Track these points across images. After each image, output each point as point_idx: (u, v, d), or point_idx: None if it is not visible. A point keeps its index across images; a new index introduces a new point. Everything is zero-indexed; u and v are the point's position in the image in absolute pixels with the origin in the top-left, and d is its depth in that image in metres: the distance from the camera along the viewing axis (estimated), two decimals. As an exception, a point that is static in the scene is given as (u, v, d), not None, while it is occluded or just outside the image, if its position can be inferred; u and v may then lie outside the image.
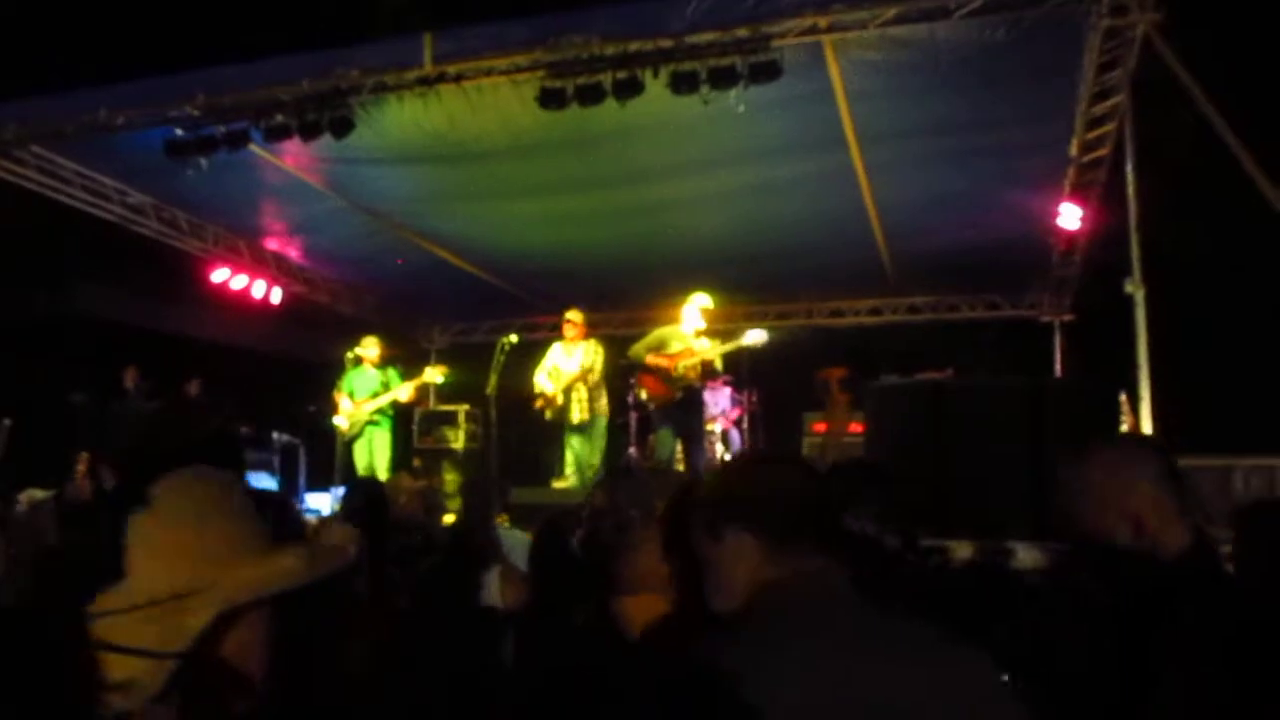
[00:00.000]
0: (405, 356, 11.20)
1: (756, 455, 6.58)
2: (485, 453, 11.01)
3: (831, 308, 13.32)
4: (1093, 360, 11.51)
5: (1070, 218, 9.12)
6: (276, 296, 12.00)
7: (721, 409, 11.32)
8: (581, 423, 9.31)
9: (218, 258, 11.16)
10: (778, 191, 9.27)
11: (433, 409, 12.52)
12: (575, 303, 10.09)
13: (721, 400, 11.32)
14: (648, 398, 8.95)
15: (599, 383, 9.40)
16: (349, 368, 9.95)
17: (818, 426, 11.05)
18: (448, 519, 7.20)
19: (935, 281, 12.28)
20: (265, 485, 10.11)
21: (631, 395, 10.19)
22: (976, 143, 8.15)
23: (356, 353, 9.94)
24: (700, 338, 8.81)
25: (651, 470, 8.20)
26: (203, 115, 7.82)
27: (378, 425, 9.79)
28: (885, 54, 6.78)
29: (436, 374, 10.04)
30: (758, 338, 8.96)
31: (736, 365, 10.18)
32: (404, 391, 9.80)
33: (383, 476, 8.95)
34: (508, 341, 9.48)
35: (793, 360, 10.26)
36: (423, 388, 10.23)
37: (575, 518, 2.59)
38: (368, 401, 9.73)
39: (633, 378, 9.50)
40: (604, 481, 2.97)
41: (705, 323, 8.86)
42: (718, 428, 11.20)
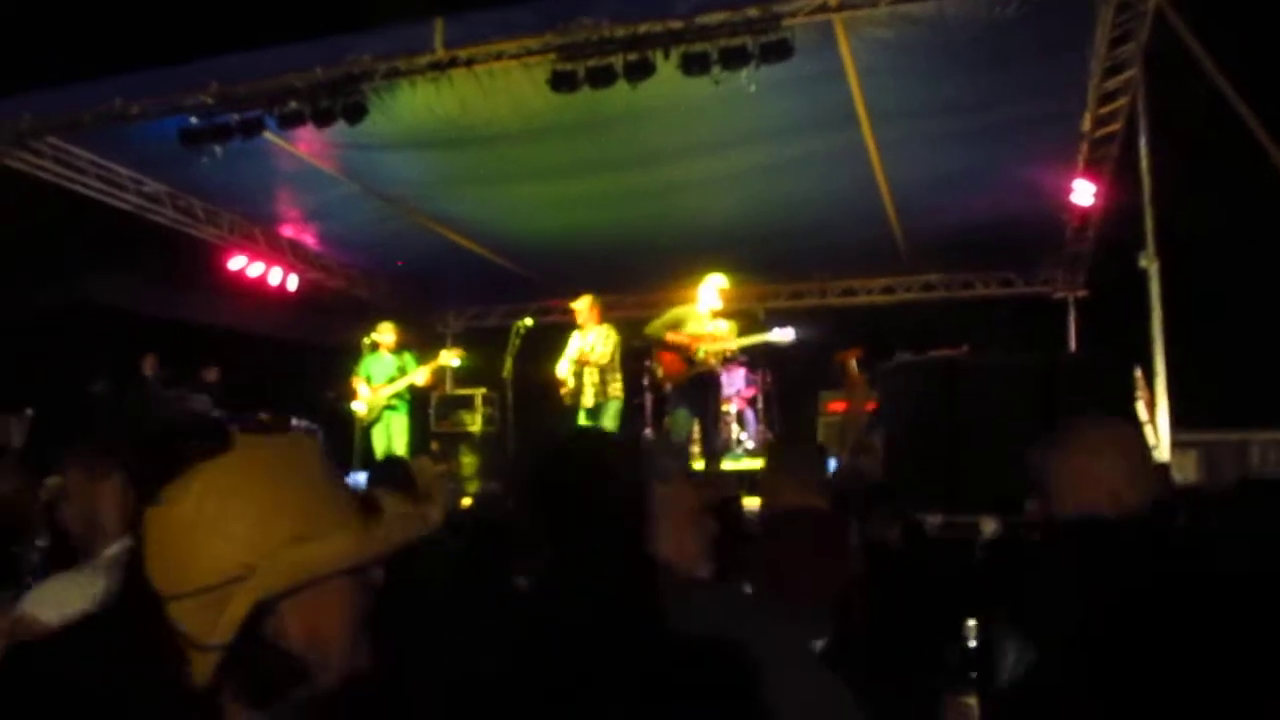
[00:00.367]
0: (421, 341, 11.25)
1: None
2: (502, 436, 11.07)
3: (844, 286, 13.30)
4: (1107, 336, 11.51)
5: (1083, 193, 9.10)
6: (293, 283, 12.07)
7: (736, 389, 11.35)
8: (594, 406, 9.33)
9: (234, 245, 11.23)
10: (789, 171, 9.27)
11: (449, 393, 12.58)
12: (587, 285, 10.08)
13: (736, 380, 11.35)
14: (664, 375, 8.95)
15: (611, 366, 9.39)
16: (366, 353, 9.99)
17: (833, 406, 11.07)
18: (465, 501, 7.26)
19: (948, 259, 12.26)
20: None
21: (646, 376, 10.20)
22: (988, 119, 8.12)
23: (373, 338, 9.99)
24: (716, 318, 8.82)
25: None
26: (217, 104, 7.86)
27: (395, 410, 9.84)
28: (896, 31, 6.78)
29: (452, 358, 10.08)
30: (785, 335, 8.97)
31: (750, 346, 10.21)
32: (420, 376, 9.85)
33: (401, 461, 9.00)
34: (522, 325, 9.52)
35: (807, 340, 10.28)
36: (439, 371, 10.27)
37: None
38: (385, 386, 9.78)
39: (649, 358, 9.51)
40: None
41: (722, 303, 8.87)
42: (733, 408, 11.23)
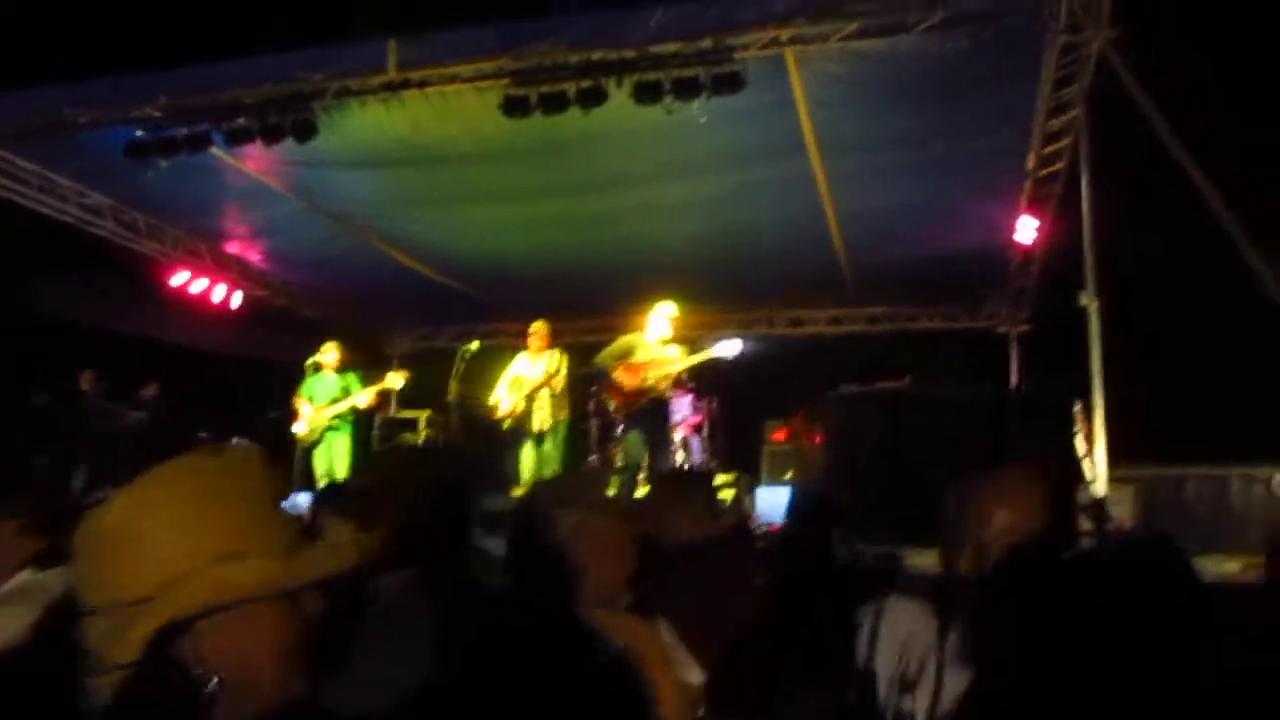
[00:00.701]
0: (366, 361, 11.15)
1: None
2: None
3: (792, 316, 13.37)
4: (1048, 370, 11.66)
5: (1027, 230, 9.24)
6: (237, 300, 11.91)
7: (683, 415, 11.34)
8: (542, 430, 9.29)
9: (177, 260, 11.06)
10: (739, 200, 9.34)
11: (393, 415, 12.47)
12: (536, 309, 10.08)
13: (683, 407, 11.35)
14: (615, 407, 8.97)
15: (562, 391, 9.38)
16: (309, 373, 9.88)
17: (777, 435, 11.13)
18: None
19: (895, 292, 12.38)
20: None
21: (593, 403, 10.18)
22: (935, 154, 8.24)
23: (316, 359, 9.87)
24: (665, 345, 8.84)
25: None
26: (164, 117, 7.76)
27: (337, 431, 9.73)
28: (847, 66, 6.87)
29: (398, 379, 10.00)
30: (731, 349, 8.96)
31: (698, 371, 10.23)
32: (364, 397, 9.75)
33: (342, 482, 8.90)
34: (469, 350, 9.47)
35: (752, 367, 10.30)
36: (383, 393, 10.18)
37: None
38: (328, 407, 9.67)
39: (595, 386, 9.51)
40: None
41: (671, 332, 8.88)
42: (678, 435, 11.22)
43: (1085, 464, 7.72)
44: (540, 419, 9.27)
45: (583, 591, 2.29)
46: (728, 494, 10.63)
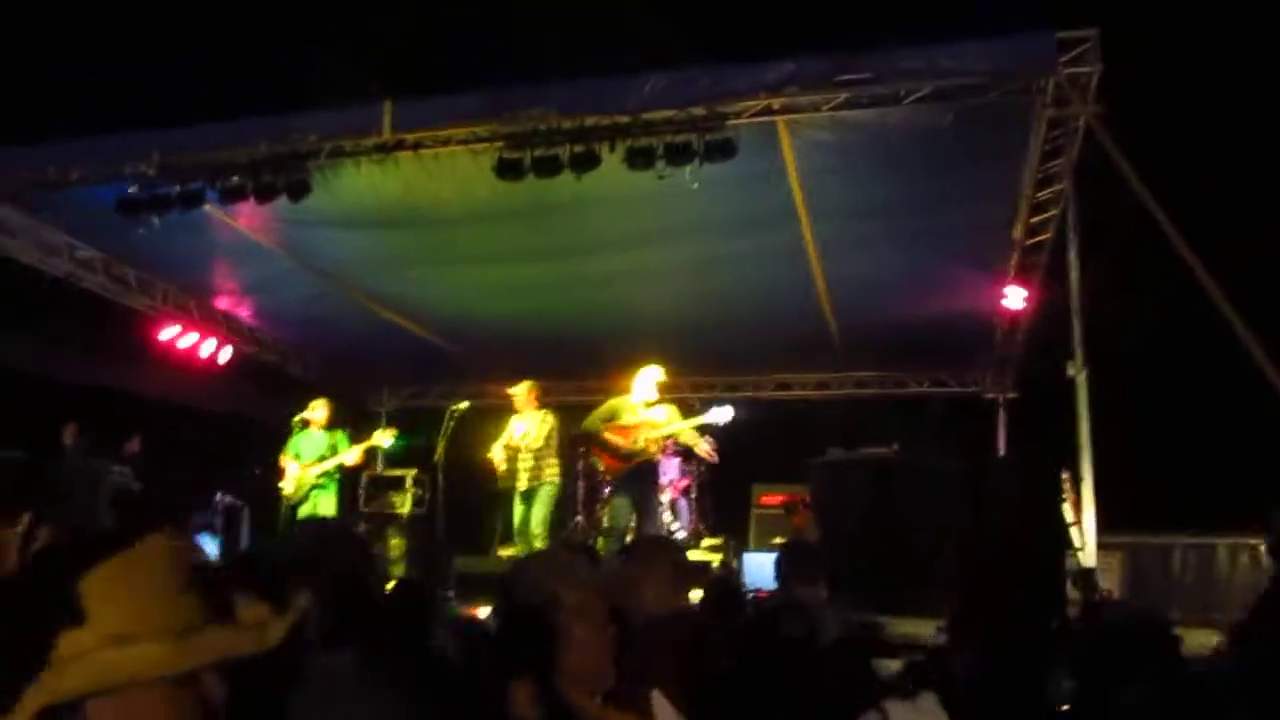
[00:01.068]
0: (354, 419, 11.09)
1: None
2: (432, 519, 10.90)
3: (779, 380, 13.37)
4: (1035, 437, 11.68)
5: (1014, 298, 9.29)
6: (225, 356, 11.86)
7: (670, 478, 11.32)
8: (527, 490, 9.25)
9: (166, 315, 11.02)
10: (729, 265, 9.39)
11: (380, 473, 12.38)
12: (526, 370, 10.07)
13: (670, 470, 11.33)
14: (604, 469, 8.96)
15: (546, 451, 9.33)
16: (295, 430, 9.82)
17: (765, 499, 11.10)
18: (389, 586, 7.09)
19: (882, 357, 12.42)
20: (206, 548, 9.93)
21: (581, 464, 10.14)
22: (924, 223, 8.33)
23: (304, 416, 9.82)
24: (651, 408, 8.84)
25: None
26: (158, 174, 7.79)
27: (323, 489, 9.64)
28: (837, 135, 6.96)
29: (385, 437, 9.95)
30: (723, 415, 8.98)
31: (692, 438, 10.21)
32: (351, 456, 9.68)
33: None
34: (457, 409, 9.44)
35: (740, 430, 10.29)
36: (370, 451, 10.12)
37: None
38: (314, 465, 9.59)
39: (583, 447, 9.49)
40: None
41: (657, 395, 8.89)
42: (665, 497, 11.19)
43: (1073, 532, 7.71)
44: (524, 479, 9.23)
45: (568, 673, 2.27)
46: (714, 558, 10.60)
